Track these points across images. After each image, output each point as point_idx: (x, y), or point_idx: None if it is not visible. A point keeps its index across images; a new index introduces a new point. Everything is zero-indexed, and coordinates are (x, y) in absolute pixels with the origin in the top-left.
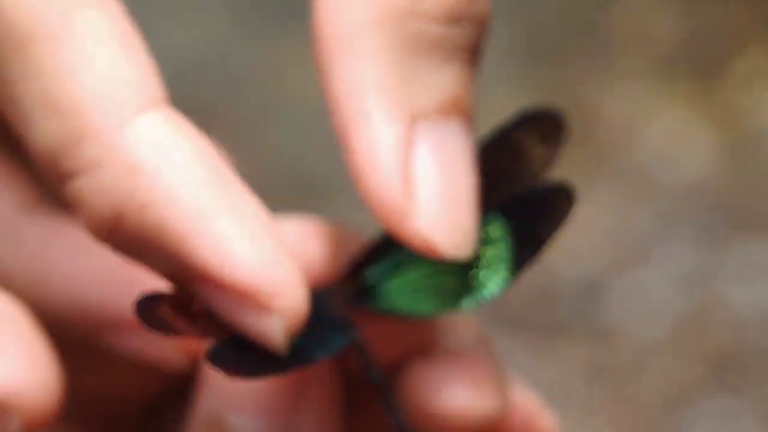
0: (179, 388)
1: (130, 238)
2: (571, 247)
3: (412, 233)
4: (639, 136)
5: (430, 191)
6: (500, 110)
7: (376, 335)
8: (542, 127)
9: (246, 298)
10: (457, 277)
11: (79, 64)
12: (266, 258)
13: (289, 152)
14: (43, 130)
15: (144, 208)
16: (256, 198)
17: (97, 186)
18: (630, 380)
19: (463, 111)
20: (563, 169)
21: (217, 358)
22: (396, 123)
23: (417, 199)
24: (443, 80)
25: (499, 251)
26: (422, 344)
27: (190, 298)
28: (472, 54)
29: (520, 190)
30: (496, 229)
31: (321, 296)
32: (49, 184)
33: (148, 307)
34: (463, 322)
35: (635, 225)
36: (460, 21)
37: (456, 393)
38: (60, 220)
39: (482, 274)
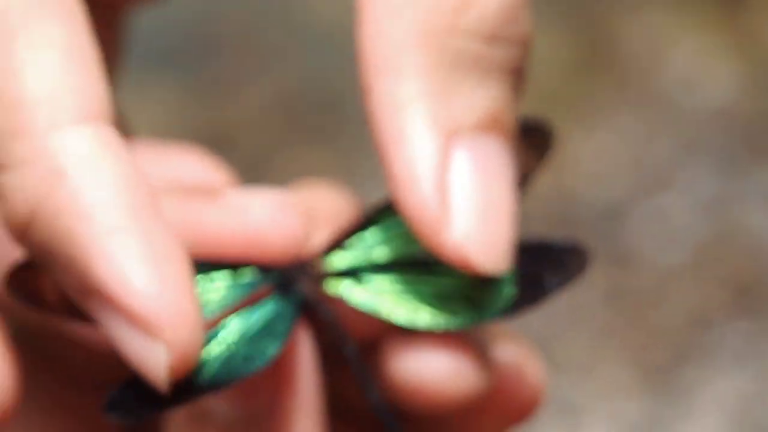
0: None
1: (40, 242)
2: (592, 172)
3: (447, 246)
4: (662, 62)
5: (466, 205)
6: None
7: (351, 309)
8: (530, 138)
9: (135, 323)
10: (449, 296)
11: (27, 63)
12: (165, 287)
13: (314, 76)
14: None
15: (56, 215)
16: (169, 227)
17: (18, 184)
18: (650, 304)
19: (503, 128)
20: (586, 94)
21: (116, 405)
22: (434, 137)
23: (452, 213)
24: (483, 97)
25: (499, 287)
26: None
27: None
28: (514, 73)
29: (531, 240)
30: None
31: (292, 270)
32: None
33: (24, 275)
34: None
35: (657, 151)
36: (502, 40)
37: (435, 367)
38: None
39: (477, 299)
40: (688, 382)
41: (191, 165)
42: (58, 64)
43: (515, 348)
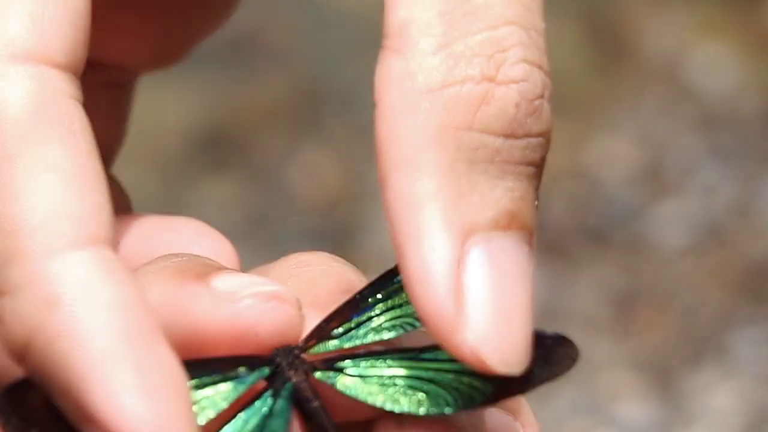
0: None
1: (38, 366)
2: (612, 169)
3: (462, 348)
4: (681, 62)
5: (481, 306)
6: (547, 35)
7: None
8: (555, 351)
9: None
10: (439, 383)
11: (25, 189)
12: (159, 414)
13: (328, 68)
14: None
15: (51, 342)
16: (169, 352)
17: (15, 309)
18: (665, 295)
19: (520, 225)
20: (607, 94)
21: None
22: (450, 237)
23: (467, 314)
24: (500, 194)
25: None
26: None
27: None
28: (533, 168)
29: None
30: None
31: (281, 361)
32: None
33: (17, 392)
34: None
35: (676, 150)
36: (519, 136)
37: None
38: None
39: (466, 388)
40: (699, 383)
41: (190, 236)
42: (57, 189)
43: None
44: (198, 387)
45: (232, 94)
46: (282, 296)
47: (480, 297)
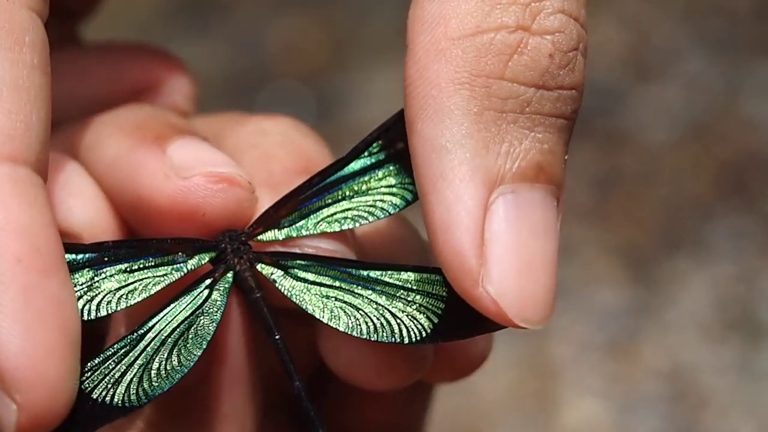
0: None
1: None
2: (594, 54)
3: (482, 300)
4: None
5: (504, 259)
6: None
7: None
8: None
9: None
10: (374, 307)
11: None
12: (30, 348)
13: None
14: None
15: None
16: (64, 287)
17: None
18: (644, 183)
19: (549, 178)
20: None
21: None
22: (475, 185)
23: (489, 266)
24: (529, 145)
25: (430, 310)
26: None
27: None
28: (564, 121)
29: None
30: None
31: (226, 245)
32: None
33: None
34: None
35: (658, 38)
36: (551, 88)
37: (363, 364)
38: None
39: (401, 318)
40: (674, 271)
41: (147, 65)
42: None
43: None
44: (133, 270)
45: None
46: (234, 179)
47: (503, 250)
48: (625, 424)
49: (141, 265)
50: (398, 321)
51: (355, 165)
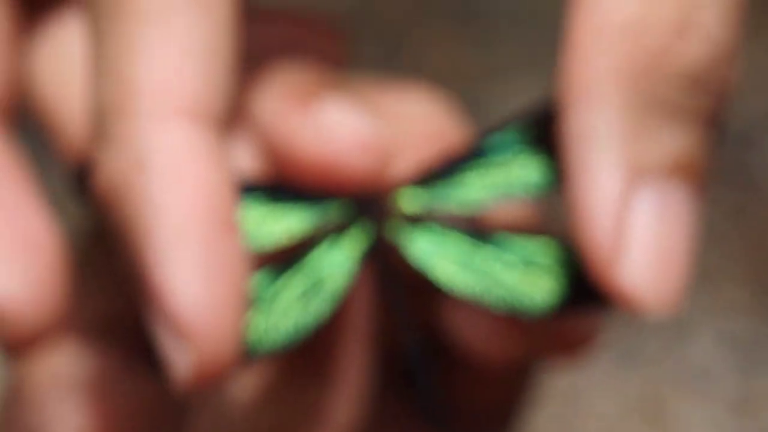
0: None
1: (113, 216)
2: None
3: (618, 284)
4: None
5: (641, 248)
6: None
7: None
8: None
9: (169, 322)
10: (504, 282)
11: (150, 50)
12: (208, 299)
13: None
14: (97, 88)
15: (128, 205)
16: (240, 246)
17: (107, 160)
18: None
19: (691, 176)
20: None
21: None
22: (621, 174)
23: (627, 253)
24: (674, 142)
25: (557, 286)
26: None
27: None
28: (710, 122)
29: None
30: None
31: (362, 204)
32: None
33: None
34: None
35: None
36: (703, 88)
37: (482, 333)
38: None
39: (528, 292)
40: None
41: (294, 26)
42: (180, 59)
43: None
44: (280, 212)
45: None
46: (379, 142)
47: (642, 238)
48: None
49: (287, 210)
50: (526, 294)
51: (498, 146)
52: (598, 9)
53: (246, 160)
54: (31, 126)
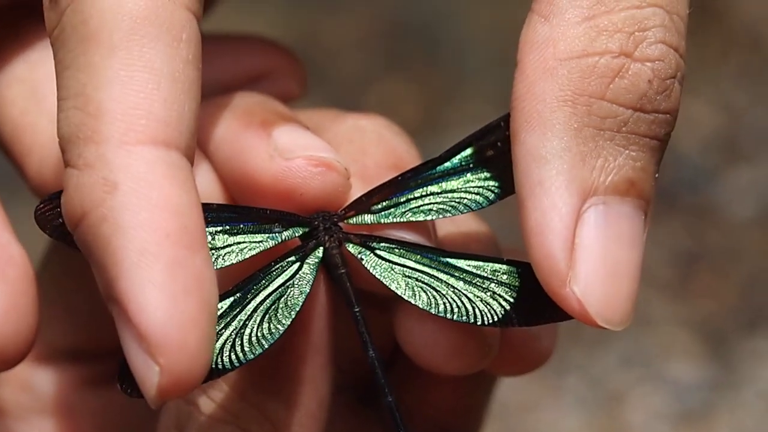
0: None
1: (85, 239)
2: (686, 132)
3: (568, 299)
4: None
5: (590, 263)
6: None
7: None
8: None
9: (140, 340)
10: (452, 290)
11: (117, 79)
12: (175, 317)
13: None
14: (66, 116)
15: (99, 224)
16: (207, 264)
17: (79, 184)
18: (727, 260)
19: (639, 193)
20: (692, 58)
21: (125, 376)
22: (570, 194)
23: (577, 269)
24: (623, 162)
25: (503, 297)
26: None
27: None
28: (657, 142)
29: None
30: (511, 278)
31: (318, 224)
32: None
33: (53, 205)
34: None
35: (751, 119)
36: (648, 111)
37: (437, 347)
38: None
39: (475, 302)
40: (753, 351)
41: (262, 55)
42: (147, 88)
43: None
44: (232, 232)
45: (317, 21)
46: (332, 164)
47: (592, 254)
48: None
49: (240, 230)
50: (473, 305)
51: (446, 166)
52: (546, 42)
53: (205, 183)
54: None
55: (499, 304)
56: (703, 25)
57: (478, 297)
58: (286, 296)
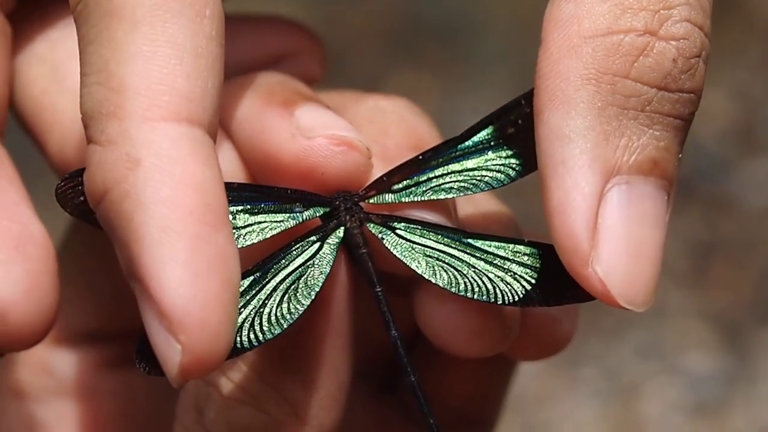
0: None
1: (107, 215)
2: (704, 122)
3: (590, 278)
4: None
5: (613, 243)
6: None
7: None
8: None
9: (161, 318)
10: (473, 270)
11: (141, 55)
12: (197, 295)
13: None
14: (89, 92)
15: (122, 200)
16: (229, 240)
17: (101, 160)
18: (744, 251)
19: (662, 173)
20: (712, 34)
21: (144, 353)
22: (593, 173)
23: (600, 249)
24: (646, 141)
25: (524, 278)
26: None
27: None
28: (681, 122)
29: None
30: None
31: (340, 204)
32: None
33: (74, 183)
34: None
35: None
36: (672, 90)
37: (457, 327)
38: None
39: (496, 282)
40: (767, 343)
41: (284, 36)
42: (170, 63)
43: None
44: (253, 212)
45: (337, 11)
46: (354, 143)
47: (614, 234)
48: None
49: (261, 209)
50: (494, 284)
51: (467, 144)
52: (570, 20)
53: (227, 162)
54: (17, 131)
55: (520, 284)
56: (721, 15)
57: (498, 277)
58: (306, 276)
